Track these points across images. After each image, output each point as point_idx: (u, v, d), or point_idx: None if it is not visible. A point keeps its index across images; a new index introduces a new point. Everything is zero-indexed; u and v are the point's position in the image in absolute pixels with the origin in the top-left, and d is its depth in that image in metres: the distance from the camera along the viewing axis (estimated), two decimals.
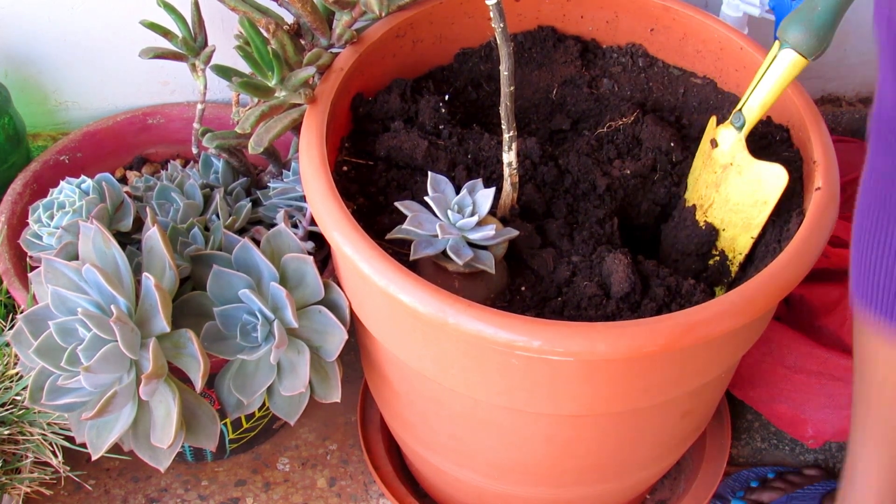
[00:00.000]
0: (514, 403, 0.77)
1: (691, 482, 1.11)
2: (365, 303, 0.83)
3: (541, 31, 1.00)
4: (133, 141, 1.20)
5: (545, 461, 0.88)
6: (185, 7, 0.97)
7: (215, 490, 1.11)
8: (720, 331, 0.70)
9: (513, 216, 0.83)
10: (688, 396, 0.84)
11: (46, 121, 1.25)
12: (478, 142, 0.88)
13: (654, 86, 0.98)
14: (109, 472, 1.12)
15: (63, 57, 1.19)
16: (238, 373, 0.88)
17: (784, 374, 1.04)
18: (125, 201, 0.98)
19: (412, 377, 0.86)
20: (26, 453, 0.95)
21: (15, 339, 0.86)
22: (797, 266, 0.73)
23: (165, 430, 0.84)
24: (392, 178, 0.87)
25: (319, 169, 0.79)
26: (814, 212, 0.76)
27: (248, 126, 0.81)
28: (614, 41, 1.01)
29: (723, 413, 1.16)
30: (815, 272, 0.81)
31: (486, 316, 0.69)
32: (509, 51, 0.76)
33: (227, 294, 0.87)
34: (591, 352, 0.68)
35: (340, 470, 1.14)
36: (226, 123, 1.16)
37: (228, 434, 1.07)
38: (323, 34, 0.90)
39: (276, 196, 1.00)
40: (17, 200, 1.07)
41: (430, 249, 0.78)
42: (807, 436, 1.06)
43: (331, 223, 0.75)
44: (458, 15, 0.97)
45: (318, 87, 0.86)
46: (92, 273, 0.82)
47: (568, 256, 0.81)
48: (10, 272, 0.99)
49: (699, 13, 0.95)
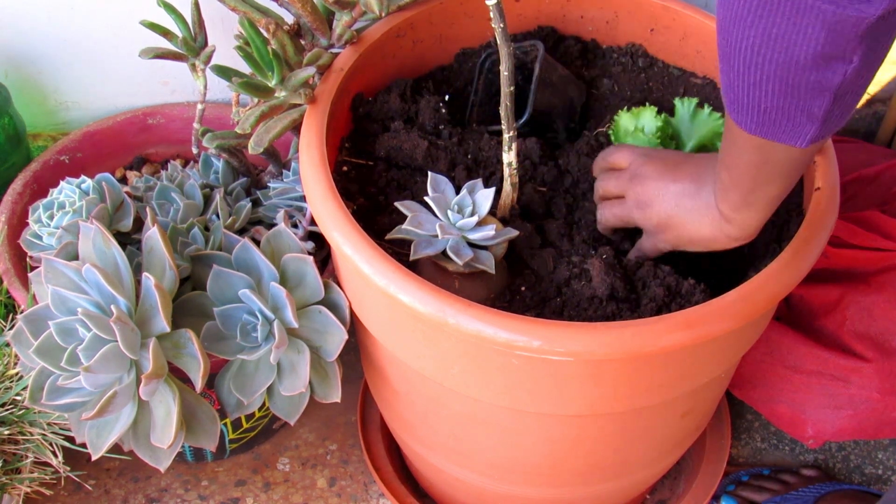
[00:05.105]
0: (514, 403, 0.77)
1: (691, 482, 1.11)
2: (365, 303, 0.83)
3: (541, 31, 1.00)
4: (133, 141, 1.20)
5: (545, 461, 0.88)
6: (185, 7, 0.97)
7: (215, 490, 1.11)
8: (720, 331, 0.70)
9: (513, 216, 0.84)
10: (688, 396, 0.84)
11: (46, 121, 1.25)
12: (478, 142, 0.88)
13: (653, 86, 0.98)
14: (109, 472, 1.12)
15: (63, 57, 1.19)
16: (238, 373, 0.88)
17: (784, 374, 1.04)
18: (125, 201, 0.98)
19: (412, 377, 0.86)
20: (26, 453, 0.95)
21: (15, 339, 0.86)
22: (797, 266, 0.73)
23: (165, 430, 0.84)
24: (392, 178, 0.87)
25: (319, 169, 0.79)
26: (814, 212, 0.76)
27: (248, 126, 0.81)
28: (614, 41, 1.01)
29: (723, 413, 1.16)
30: (815, 272, 0.81)
31: (486, 316, 0.69)
32: (509, 51, 0.76)
33: (227, 294, 0.87)
34: (590, 352, 0.68)
35: (340, 470, 1.14)
36: (226, 123, 1.16)
37: (228, 434, 1.07)
38: (323, 34, 0.90)
39: (276, 196, 1.00)
40: (17, 200, 1.07)
41: (430, 249, 0.78)
42: (807, 436, 1.06)
43: (331, 223, 0.75)
44: (458, 15, 0.97)
45: (318, 88, 0.86)
46: (92, 273, 0.82)
47: (568, 256, 0.81)
48: (10, 272, 0.99)
49: (699, 13, 0.95)
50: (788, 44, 0.55)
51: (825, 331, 1.04)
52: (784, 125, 0.61)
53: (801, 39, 0.54)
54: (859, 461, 1.17)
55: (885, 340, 1.01)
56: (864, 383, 1.00)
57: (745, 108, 0.61)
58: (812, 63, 0.56)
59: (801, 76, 0.57)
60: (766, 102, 0.59)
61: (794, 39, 0.55)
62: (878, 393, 1.00)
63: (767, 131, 0.62)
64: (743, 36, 0.56)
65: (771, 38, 0.55)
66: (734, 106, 0.62)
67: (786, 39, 0.55)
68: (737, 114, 0.62)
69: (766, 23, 0.55)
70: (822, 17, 0.53)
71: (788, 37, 0.55)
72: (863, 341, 1.01)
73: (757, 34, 0.56)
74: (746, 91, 0.60)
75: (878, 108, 1.37)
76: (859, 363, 1.00)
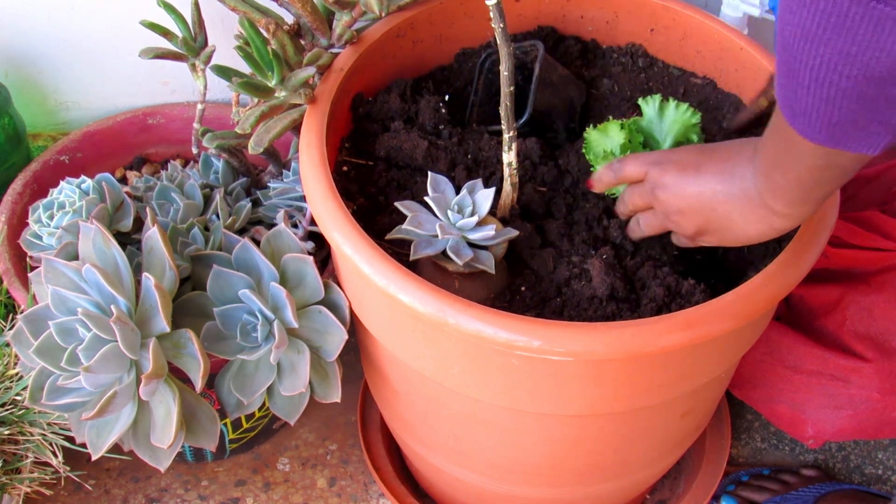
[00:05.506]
0: (514, 403, 0.77)
1: (691, 482, 1.11)
2: (365, 303, 0.83)
3: (541, 31, 1.00)
4: (133, 141, 1.20)
5: (545, 461, 0.88)
6: (185, 7, 0.97)
7: (215, 490, 1.11)
8: (720, 331, 0.70)
9: (513, 216, 0.83)
10: (688, 396, 0.84)
11: (46, 121, 1.25)
12: (478, 142, 0.88)
13: (653, 86, 0.98)
14: (109, 472, 1.12)
15: (63, 57, 1.19)
16: (238, 373, 0.88)
17: (784, 374, 1.04)
18: (125, 201, 0.98)
19: (412, 377, 0.86)
20: (26, 453, 0.95)
21: (15, 339, 0.86)
22: (797, 266, 0.73)
23: (165, 430, 0.84)
24: (392, 178, 0.87)
25: (319, 169, 0.79)
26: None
27: (248, 126, 0.81)
28: (614, 41, 1.01)
29: (723, 413, 1.16)
30: (815, 272, 0.81)
31: (486, 316, 0.69)
32: (509, 51, 0.76)
33: (227, 294, 0.87)
34: (590, 352, 0.68)
35: (340, 470, 1.14)
36: (226, 123, 1.16)
37: (228, 434, 1.07)
38: (323, 34, 0.90)
39: (276, 196, 1.00)
40: (17, 200, 1.07)
41: (430, 249, 0.78)
42: (807, 436, 1.06)
43: (331, 223, 0.75)
44: (458, 15, 0.97)
45: (318, 88, 0.86)
46: (92, 273, 0.82)
47: (568, 256, 0.81)
48: (10, 272, 0.99)
49: (699, 13, 0.95)
50: (868, 60, 0.53)
51: (825, 331, 1.04)
52: (856, 136, 0.59)
53: (883, 55, 0.52)
54: (859, 461, 1.17)
55: (885, 340, 1.01)
56: (864, 383, 1.00)
57: (813, 122, 0.59)
58: (892, 77, 0.53)
59: (879, 91, 0.55)
60: (838, 116, 0.57)
61: (874, 56, 0.52)
62: (878, 393, 1.00)
63: (839, 142, 0.59)
64: (815, 53, 0.54)
65: (849, 56, 0.53)
66: (800, 119, 0.60)
67: (865, 56, 0.53)
68: (802, 126, 0.60)
69: (843, 41, 0.52)
70: None
71: (869, 54, 0.52)
72: (863, 341, 1.01)
73: (833, 52, 0.53)
74: (816, 106, 0.57)
75: None
76: (859, 363, 1.00)
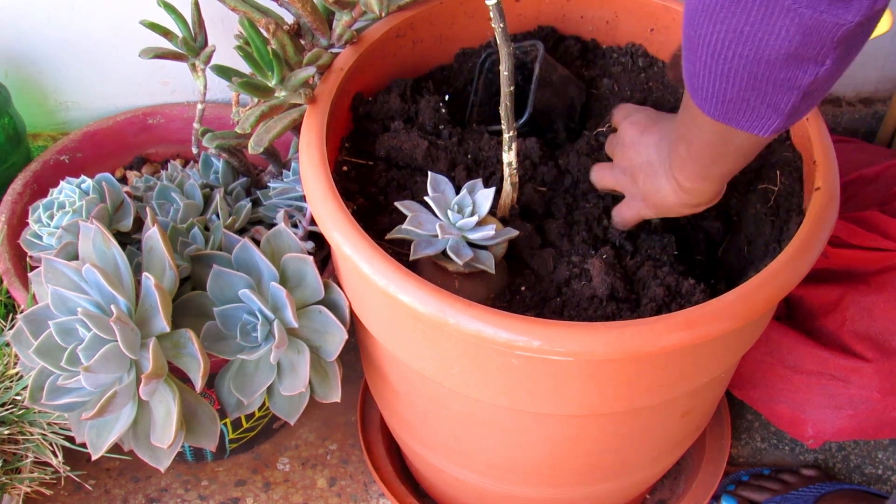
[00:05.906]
0: (515, 403, 0.77)
1: (691, 482, 1.11)
2: (365, 303, 0.83)
3: (541, 31, 1.00)
4: (133, 141, 1.20)
5: (545, 461, 0.88)
6: (185, 7, 0.97)
7: (215, 490, 1.11)
8: (720, 331, 0.70)
9: (513, 216, 0.83)
10: (688, 396, 0.84)
11: (46, 121, 1.25)
12: (478, 142, 0.88)
13: (653, 86, 0.98)
14: (109, 472, 1.12)
15: (63, 57, 1.19)
16: (238, 373, 0.88)
17: (784, 374, 1.04)
18: (125, 201, 0.98)
19: (412, 377, 0.86)
20: (26, 453, 0.95)
21: (15, 339, 0.86)
22: (797, 266, 0.73)
23: (165, 430, 0.84)
24: (392, 178, 0.87)
25: (319, 169, 0.79)
26: (814, 212, 0.76)
27: (248, 126, 0.81)
28: (614, 41, 1.01)
29: (723, 413, 1.16)
30: (815, 272, 0.81)
31: (486, 316, 0.69)
32: (509, 51, 0.76)
33: (227, 294, 0.87)
34: (590, 352, 0.68)
35: (340, 470, 1.14)
36: (226, 123, 1.16)
37: (228, 434, 1.07)
38: (323, 34, 0.90)
39: (276, 196, 1.00)
40: (17, 200, 1.07)
41: (430, 249, 0.78)
42: (807, 436, 1.06)
43: (331, 223, 0.75)
44: (458, 15, 0.97)
45: (318, 87, 0.86)
46: (92, 273, 0.82)
47: (568, 256, 0.81)
48: (10, 272, 0.99)
49: None
50: (760, 41, 0.55)
51: (825, 331, 1.04)
52: (748, 115, 0.61)
53: (773, 39, 0.55)
54: (859, 461, 1.17)
55: (885, 340, 1.01)
56: (864, 383, 1.00)
57: (708, 95, 0.61)
58: (783, 62, 0.56)
59: (769, 73, 0.57)
60: (731, 93, 0.60)
61: (766, 38, 0.55)
62: (879, 393, 1.00)
63: (731, 119, 0.62)
64: (713, 29, 0.56)
65: (742, 35, 0.55)
66: (697, 92, 0.62)
67: (757, 37, 0.55)
68: (699, 99, 0.63)
69: (738, 20, 0.55)
70: (798, 19, 0.53)
71: (761, 35, 0.55)
72: (863, 341, 1.01)
73: (728, 29, 0.56)
74: (711, 81, 0.60)
75: (878, 108, 1.37)
76: (859, 363, 1.00)
